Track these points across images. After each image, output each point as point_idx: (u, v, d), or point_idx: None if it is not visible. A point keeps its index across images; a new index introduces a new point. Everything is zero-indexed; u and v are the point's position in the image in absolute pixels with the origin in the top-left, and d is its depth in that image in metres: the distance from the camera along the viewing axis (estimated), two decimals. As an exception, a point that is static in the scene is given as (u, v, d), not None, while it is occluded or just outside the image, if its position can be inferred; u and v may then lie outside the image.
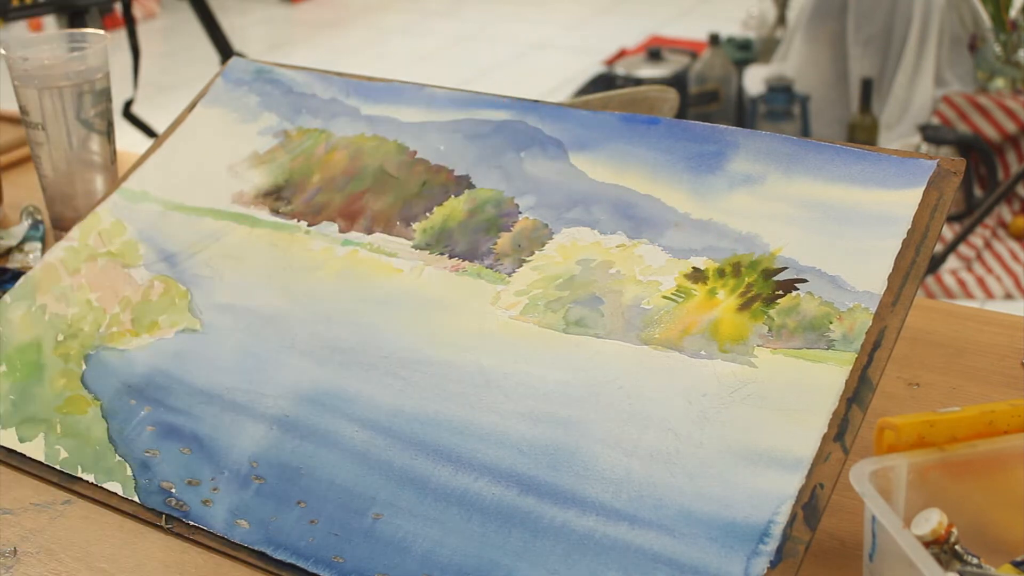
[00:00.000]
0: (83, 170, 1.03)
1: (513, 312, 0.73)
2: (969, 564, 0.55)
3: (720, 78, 3.12)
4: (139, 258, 0.86)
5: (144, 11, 5.00)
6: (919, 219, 0.68)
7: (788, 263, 0.69)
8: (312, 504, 0.67)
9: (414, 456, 0.68)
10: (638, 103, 0.99)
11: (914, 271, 0.66)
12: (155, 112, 2.31)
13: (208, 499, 0.66)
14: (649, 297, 0.71)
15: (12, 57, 0.99)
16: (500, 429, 0.67)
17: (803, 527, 0.58)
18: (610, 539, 0.61)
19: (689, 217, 0.74)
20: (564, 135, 0.82)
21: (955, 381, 0.77)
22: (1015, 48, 2.78)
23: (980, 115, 2.72)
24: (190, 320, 0.80)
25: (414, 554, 0.63)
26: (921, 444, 0.57)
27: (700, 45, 3.35)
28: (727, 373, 0.65)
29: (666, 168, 0.77)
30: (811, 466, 0.60)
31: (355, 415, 0.71)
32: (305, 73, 0.96)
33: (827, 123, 3.06)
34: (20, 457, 0.76)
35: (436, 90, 0.89)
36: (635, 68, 3.26)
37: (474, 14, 4.82)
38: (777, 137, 0.76)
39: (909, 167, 0.70)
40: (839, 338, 0.65)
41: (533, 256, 0.76)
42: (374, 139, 0.88)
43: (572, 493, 0.63)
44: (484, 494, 0.65)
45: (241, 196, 0.88)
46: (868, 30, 3.01)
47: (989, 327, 0.83)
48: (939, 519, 0.55)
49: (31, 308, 0.85)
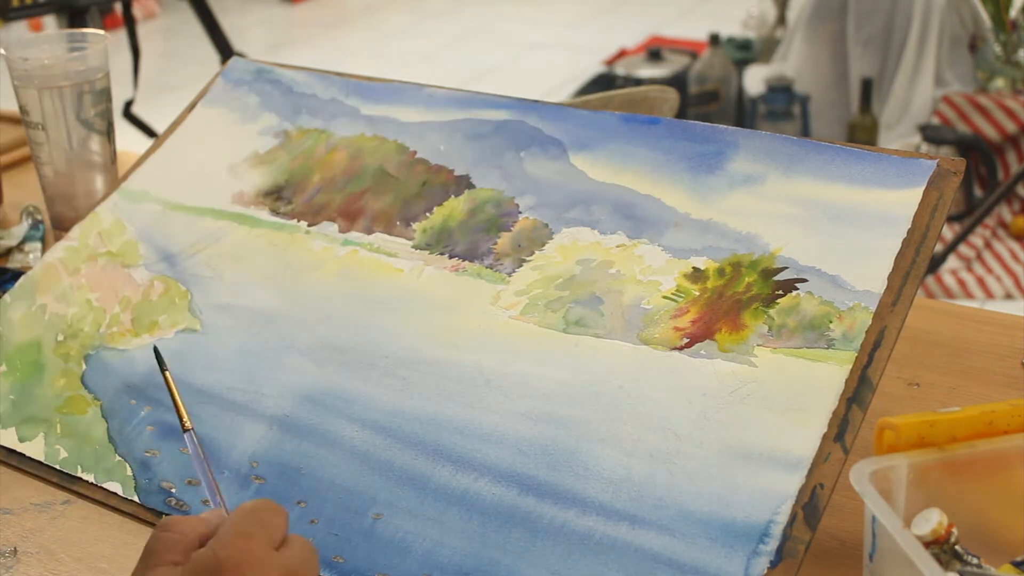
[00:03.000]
0: (83, 170, 1.03)
1: (513, 312, 0.73)
2: (969, 564, 0.55)
3: (720, 78, 3.12)
4: (139, 258, 0.86)
5: (144, 11, 5.00)
6: (919, 219, 0.68)
7: (788, 263, 0.69)
8: (312, 504, 0.67)
9: (414, 456, 0.67)
10: (638, 103, 0.99)
11: (914, 271, 0.66)
12: (155, 112, 2.31)
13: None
14: (649, 297, 0.71)
15: (12, 57, 0.99)
16: (500, 429, 0.67)
17: (803, 527, 0.58)
18: (610, 539, 0.61)
19: (689, 217, 0.74)
20: (564, 135, 0.82)
21: (955, 381, 0.77)
22: (1015, 48, 2.78)
23: (980, 115, 2.72)
24: (190, 320, 0.80)
25: (414, 554, 0.63)
26: (921, 444, 0.57)
27: (700, 45, 3.35)
28: (727, 373, 0.65)
29: (666, 168, 0.77)
30: (811, 466, 0.60)
31: (355, 415, 0.71)
32: (305, 73, 0.96)
33: (827, 123, 3.06)
34: (20, 457, 0.76)
35: (436, 90, 0.89)
36: (635, 68, 3.26)
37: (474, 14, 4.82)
38: (777, 137, 0.76)
39: (909, 167, 0.70)
40: (839, 337, 0.65)
41: (533, 256, 0.76)
42: (374, 139, 0.88)
43: (572, 493, 0.63)
44: (484, 494, 0.65)
45: (241, 196, 0.88)
46: (868, 30, 3.01)
47: (989, 327, 0.83)
48: (939, 519, 0.55)
49: (31, 308, 0.85)
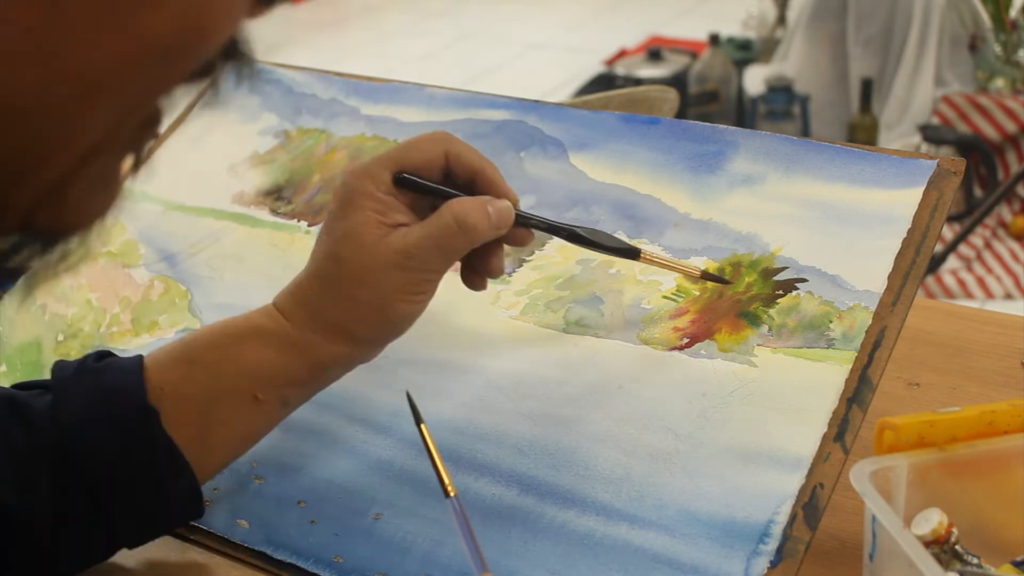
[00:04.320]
0: (83, 170, 1.03)
1: (513, 312, 0.73)
2: (969, 564, 0.55)
3: (720, 78, 3.12)
4: (139, 258, 0.86)
5: (144, 11, 4.99)
6: (919, 219, 0.68)
7: (788, 263, 0.69)
8: (312, 504, 0.67)
9: (414, 456, 0.67)
10: (638, 103, 0.99)
11: (914, 271, 0.66)
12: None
13: (208, 499, 0.66)
14: (649, 297, 0.71)
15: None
16: (500, 429, 0.67)
17: (803, 527, 0.58)
18: (610, 539, 0.61)
19: (689, 217, 0.74)
20: (564, 135, 0.82)
21: (955, 381, 0.77)
22: (1015, 48, 2.78)
23: (980, 115, 2.72)
24: (190, 320, 0.80)
25: (414, 554, 0.63)
26: (921, 444, 0.57)
27: (700, 45, 3.35)
28: (727, 372, 0.65)
29: (666, 168, 0.77)
30: (811, 466, 0.60)
31: (355, 415, 0.71)
32: (305, 73, 0.96)
33: (827, 123, 3.06)
34: (20, 457, 0.76)
35: (436, 90, 0.89)
36: (635, 68, 3.26)
37: (474, 14, 4.82)
38: (777, 137, 0.76)
39: (909, 167, 0.70)
40: (839, 337, 0.65)
41: (533, 256, 0.76)
42: (374, 139, 0.88)
43: (572, 493, 0.63)
44: (484, 494, 0.65)
45: (241, 196, 0.88)
46: (868, 30, 3.01)
47: (989, 327, 0.83)
48: (939, 519, 0.55)
49: (31, 308, 0.85)
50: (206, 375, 0.62)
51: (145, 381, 0.61)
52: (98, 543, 0.62)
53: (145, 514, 0.61)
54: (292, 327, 0.63)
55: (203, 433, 0.62)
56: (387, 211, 0.62)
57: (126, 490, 0.60)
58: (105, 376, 0.61)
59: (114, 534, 0.61)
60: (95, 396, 0.60)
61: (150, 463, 0.60)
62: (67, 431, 0.59)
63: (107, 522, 0.60)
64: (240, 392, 0.62)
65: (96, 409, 0.60)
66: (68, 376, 0.61)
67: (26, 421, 0.59)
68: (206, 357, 0.62)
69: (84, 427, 0.59)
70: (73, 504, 0.59)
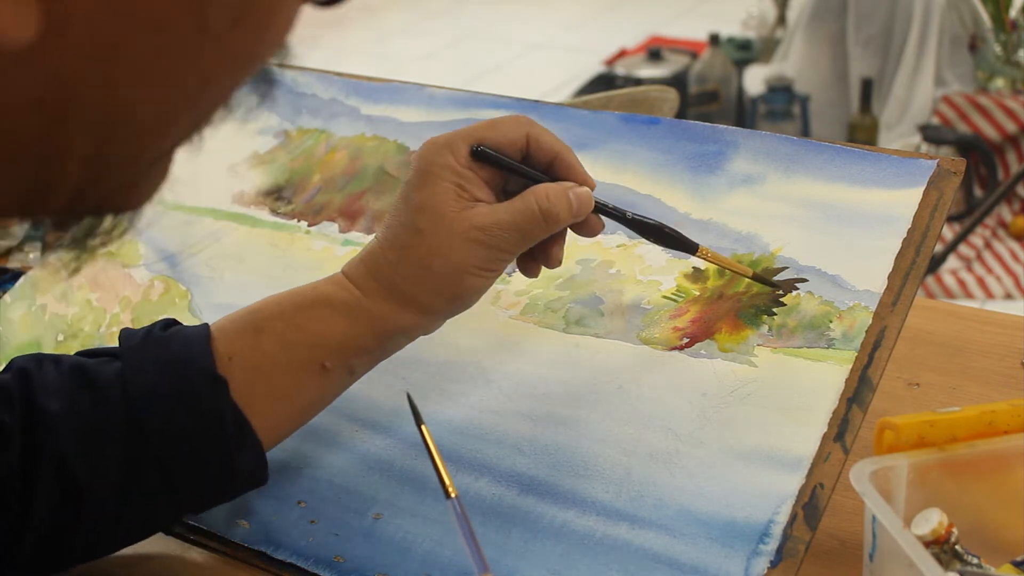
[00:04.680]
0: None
1: (513, 312, 0.73)
2: (969, 564, 0.55)
3: (720, 78, 3.12)
4: (139, 258, 0.86)
5: (144, 11, 4.99)
6: (919, 219, 0.68)
7: (788, 263, 0.69)
8: (312, 504, 0.67)
9: (414, 456, 0.67)
10: (638, 103, 0.99)
11: (914, 271, 0.66)
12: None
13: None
14: (649, 297, 0.71)
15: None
16: (500, 429, 0.67)
17: (803, 527, 0.58)
18: (610, 539, 0.61)
19: (689, 217, 0.74)
20: (564, 135, 0.81)
21: (955, 381, 0.77)
22: (1015, 48, 2.78)
23: (980, 115, 2.72)
24: (190, 320, 0.80)
25: (414, 554, 0.63)
26: (921, 444, 0.57)
27: (700, 45, 3.35)
28: (727, 372, 0.65)
29: (666, 168, 0.77)
30: (811, 466, 0.60)
31: (355, 415, 0.71)
32: (305, 73, 0.96)
33: (827, 123, 3.06)
34: (20, 457, 0.76)
35: (436, 90, 0.89)
36: (635, 68, 3.26)
37: (474, 14, 4.82)
38: (777, 137, 0.76)
39: (909, 167, 0.70)
40: (839, 337, 0.65)
41: (533, 256, 0.76)
42: (374, 139, 0.88)
43: (572, 493, 0.63)
44: (484, 494, 0.65)
45: (241, 196, 0.88)
46: (868, 30, 3.01)
47: (989, 327, 0.83)
48: (939, 519, 0.55)
49: (31, 308, 0.85)
50: (274, 344, 0.62)
51: (213, 351, 0.61)
52: (163, 512, 0.62)
53: (211, 483, 0.62)
54: (364, 296, 0.63)
55: (270, 402, 0.62)
56: (465, 184, 0.62)
57: (194, 460, 0.60)
58: (173, 345, 0.61)
59: (179, 503, 0.62)
60: (165, 367, 0.60)
61: (219, 434, 0.60)
62: (136, 402, 0.59)
63: (173, 491, 0.60)
64: (308, 361, 0.63)
65: (165, 380, 0.60)
66: (136, 344, 0.62)
67: (96, 389, 0.60)
68: (275, 326, 0.63)
69: (153, 398, 0.60)
70: (141, 474, 0.59)
